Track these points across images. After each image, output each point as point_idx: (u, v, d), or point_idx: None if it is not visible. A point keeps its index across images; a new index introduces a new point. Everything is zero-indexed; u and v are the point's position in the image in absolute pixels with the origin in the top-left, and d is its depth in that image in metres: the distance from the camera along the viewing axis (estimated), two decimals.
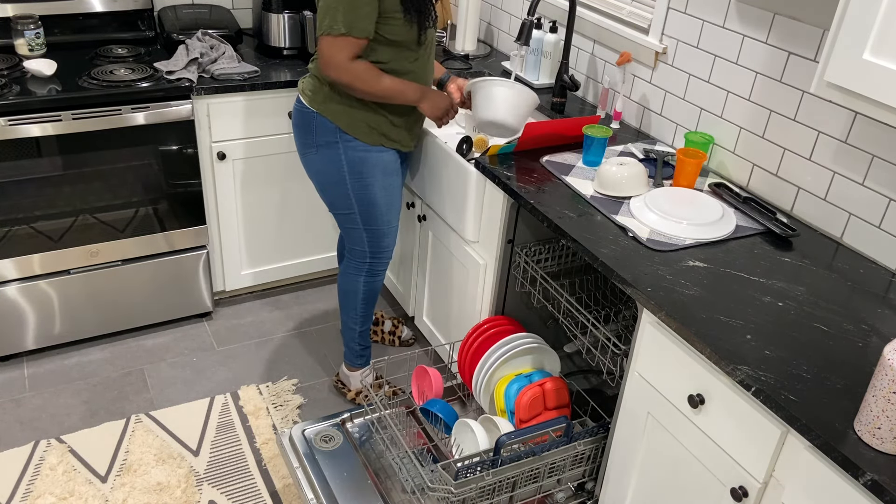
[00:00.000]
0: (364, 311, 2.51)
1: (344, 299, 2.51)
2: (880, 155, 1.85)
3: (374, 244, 2.39)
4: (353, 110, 2.18)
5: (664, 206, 2.00)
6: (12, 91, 2.42)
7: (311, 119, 2.23)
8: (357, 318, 2.52)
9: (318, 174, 2.31)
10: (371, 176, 2.27)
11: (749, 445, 1.51)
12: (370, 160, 2.25)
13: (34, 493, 2.26)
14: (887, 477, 1.26)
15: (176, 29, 2.85)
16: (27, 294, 2.66)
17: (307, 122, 2.24)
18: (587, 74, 2.78)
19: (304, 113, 2.24)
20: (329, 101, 2.19)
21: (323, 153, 2.25)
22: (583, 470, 2.07)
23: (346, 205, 2.32)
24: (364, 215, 2.33)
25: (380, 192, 2.31)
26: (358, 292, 2.47)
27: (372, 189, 2.29)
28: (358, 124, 2.20)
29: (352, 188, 2.28)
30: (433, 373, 2.20)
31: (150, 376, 2.75)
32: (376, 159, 2.26)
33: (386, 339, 2.96)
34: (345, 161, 2.24)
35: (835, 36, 1.54)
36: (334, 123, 2.20)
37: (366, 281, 2.46)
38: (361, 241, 2.39)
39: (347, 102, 2.18)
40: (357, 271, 2.44)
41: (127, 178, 2.64)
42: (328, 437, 2.20)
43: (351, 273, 2.46)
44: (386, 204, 2.34)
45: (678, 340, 1.65)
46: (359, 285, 2.46)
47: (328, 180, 2.30)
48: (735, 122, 2.21)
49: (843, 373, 1.49)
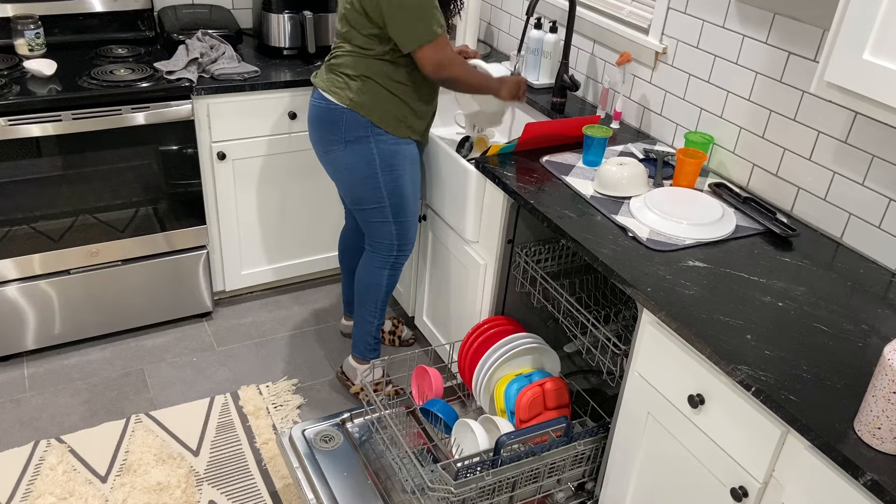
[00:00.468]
0: (383, 304, 2.55)
1: (366, 293, 2.52)
2: (880, 155, 1.85)
3: (401, 236, 2.42)
4: (384, 104, 2.22)
5: (664, 206, 2.00)
6: (12, 91, 2.42)
7: (340, 115, 2.23)
8: (377, 311, 2.55)
9: (347, 170, 2.31)
10: (401, 167, 2.31)
11: (749, 445, 1.51)
12: (401, 152, 2.29)
13: (34, 493, 2.26)
14: (887, 477, 1.26)
15: (176, 29, 2.85)
16: (27, 294, 2.66)
17: (335, 119, 2.24)
18: (587, 74, 2.78)
19: (332, 110, 2.24)
20: (360, 96, 2.21)
21: (352, 148, 2.26)
22: (583, 470, 2.07)
23: (376, 198, 2.33)
24: (394, 207, 2.35)
25: (409, 184, 2.35)
26: (382, 286, 2.50)
27: (402, 180, 2.32)
28: (389, 118, 2.23)
29: (383, 181, 2.30)
30: (433, 373, 2.20)
31: (150, 376, 2.75)
32: (406, 151, 2.30)
33: (386, 338, 2.96)
34: (377, 154, 2.26)
35: (835, 36, 1.54)
36: (366, 118, 2.22)
37: (390, 274, 2.49)
38: (389, 234, 2.41)
39: (377, 97, 2.21)
40: (383, 264, 2.47)
41: (127, 178, 2.64)
42: (328, 437, 2.20)
43: (377, 266, 2.47)
44: (413, 195, 2.39)
45: (678, 340, 1.65)
46: (383, 279, 2.49)
47: (357, 175, 2.30)
48: (735, 122, 2.21)
49: (843, 373, 1.49)
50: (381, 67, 2.19)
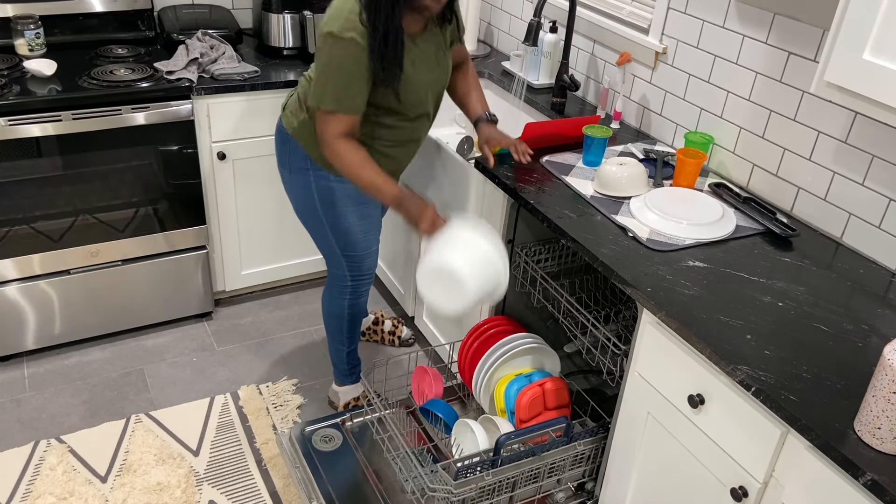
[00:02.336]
0: (350, 331, 2.46)
1: (329, 322, 2.45)
2: (880, 155, 1.85)
3: (354, 268, 2.31)
4: None
5: (664, 206, 1.99)
6: (12, 91, 2.42)
7: (286, 141, 2.14)
8: (344, 339, 2.47)
9: (292, 196, 2.23)
10: (343, 206, 2.16)
11: (749, 445, 1.51)
12: (341, 190, 2.14)
13: (34, 493, 2.26)
14: (887, 477, 1.26)
15: (176, 29, 2.85)
16: (27, 294, 2.66)
17: (282, 143, 2.16)
18: (587, 74, 2.78)
19: (281, 133, 2.16)
20: (303, 128, 2.09)
21: (295, 177, 2.17)
22: (583, 470, 2.07)
23: (321, 231, 2.23)
24: (340, 242, 2.24)
25: (355, 222, 2.20)
26: (343, 316, 2.41)
27: (346, 219, 2.18)
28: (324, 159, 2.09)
29: (325, 217, 2.18)
30: (433, 373, 2.20)
31: (150, 376, 2.75)
32: (347, 190, 2.14)
33: (386, 339, 2.96)
34: (315, 190, 2.14)
35: (835, 36, 1.54)
36: (305, 151, 2.11)
37: (350, 304, 2.39)
38: (341, 265, 2.30)
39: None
40: (340, 294, 2.37)
41: (127, 178, 2.64)
42: (328, 437, 2.20)
43: (334, 297, 2.39)
44: (363, 231, 2.23)
45: (678, 340, 1.65)
46: (343, 309, 2.40)
47: (301, 206, 2.22)
48: (735, 122, 2.21)
49: (843, 373, 1.49)
50: None
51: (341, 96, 1.91)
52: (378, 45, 1.87)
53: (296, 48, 2.95)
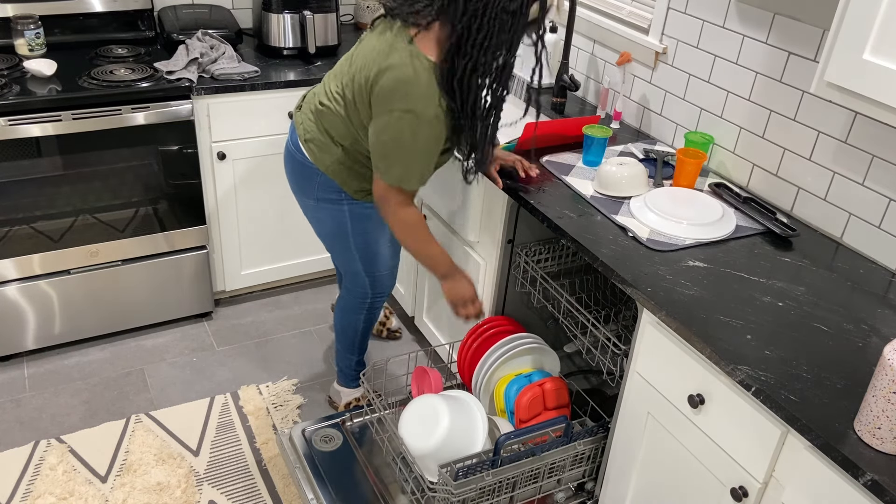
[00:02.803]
0: (362, 341, 2.48)
1: (343, 334, 2.46)
2: (880, 155, 1.85)
3: (375, 286, 2.32)
4: (361, 180, 2.05)
5: (664, 206, 1.99)
6: (12, 91, 2.42)
7: (313, 175, 2.07)
8: (355, 348, 2.48)
9: (319, 223, 2.19)
10: (376, 231, 2.17)
11: (749, 445, 1.51)
12: (375, 217, 2.14)
13: (34, 493, 2.26)
14: (887, 477, 1.26)
15: (176, 29, 2.85)
16: (27, 294, 2.66)
17: (307, 177, 2.09)
18: (587, 74, 2.78)
19: (307, 167, 2.07)
20: (337, 165, 2.02)
21: (324, 207, 2.11)
22: (583, 470, 2.07)
23: (348, 256, 2.23)
24: (366, 263, 2.24)
25: (384, 244, 2.23)
26: (358, 329, 2.43)
27: (377, 243, 2.20)
28: (363, 191, 2.08)
29: (354, 242, 2.18)
30: (433, 373, 2.20)
31: (150, 376, 2.75)
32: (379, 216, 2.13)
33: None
34: (349, 219, 2.12)
35: (835, 36, 1.54)
36: (339, 186, 2.06)
37: (366, 318, 2.41)
38: (363, 284, 2.31)
39: (354, 171, 2.03)
40: (358, 310, 2.38)
41: (127, 178, 2.64)
42: (328, 437, 2.20)
43: (351, 311, 2.39)
44: (390, 253, 2.27)
45: (678, 340, 1.65)
46: (359, 322, 2.41)
47: (329, 231, 2.18)
48: (735, 122, 2.21)
49: (843, 373, 1.49)
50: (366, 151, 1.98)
51: (426, 174, 1.89)
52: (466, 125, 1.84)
53: (296, 48, 2.95)
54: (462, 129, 1.87)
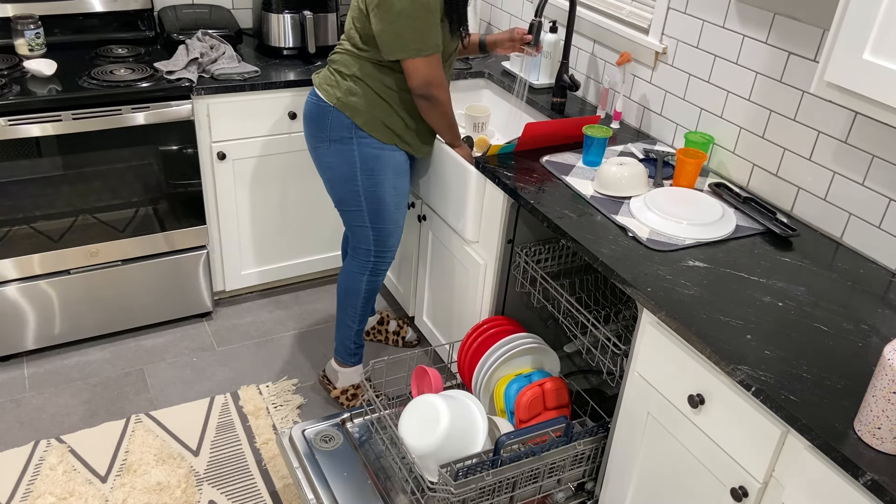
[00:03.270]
0: (363, 309, 2.51)
1: (345, 297, 2.51)
2: (880, 155, 1.85)
3: (379, 243, 2.39)
4: (371, 108, 2.19)
5: (664, 206, 1.99)
6: (12, 91, 2.42)
7: (327, 113, 2.22)
8: (356, 316, 2.52)
9: (329, 169, 2.31)
10: (382, 174, 2.27)
11: (749, 445, 1.51)
12: (383, 158, 2.26)
13: (34, 493, 2.26)
14: (887, 477, 1.26)
15: (176, 29, 2.85)
16: (27, 294, 2.66)
17: (322, 116, 2.24)
18: (587, 74, 2.78)
19: (321, 106, 2.24)
20: (349, 96, 2.19)
21: (336, 148, 2.25)
22: (583, 470, 2.07)
23: (354, 201, 2.32)
24: (372, 213, 2.33)
25: (389, 192, 2.31)
26: (360, 291, 2.47)
27: (382, 187, 2.29)
28: (375, 122, 2.21)
29: (362, 185, 2.28)
30: (433, 373, 2.20)
31: (150, 376, 2.75)
32: (389, 157, 2.26)
33: (390, 339, 2.96)
34: (357, 157, 2.24)
35: (835, 36, 1.54)
36: (351, 119, 2.20)
37: (368, 279, 2.46)
38: (367, 240, 2.38)
39: (367, 99, 2.19)
40: (361, 269, 2.44)
41: (127, 178, 2.64)
42: (328, 437, 2.20)
43: (354, 271, 2.45)
44: (394, 203, 2.34)
45: (678, 340, 1.65)
46: (361, 283, 2.46)
47: (339, 176, 2.29)
48: (735, 122, 2.21)
49: (843, 373, 1.49)
50: (373, 70, 2.17)
51: (437, 37, 2.08)
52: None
53: (296, 48, 2.95)
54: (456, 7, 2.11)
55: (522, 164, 2.24)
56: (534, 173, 2.19)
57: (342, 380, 2.63)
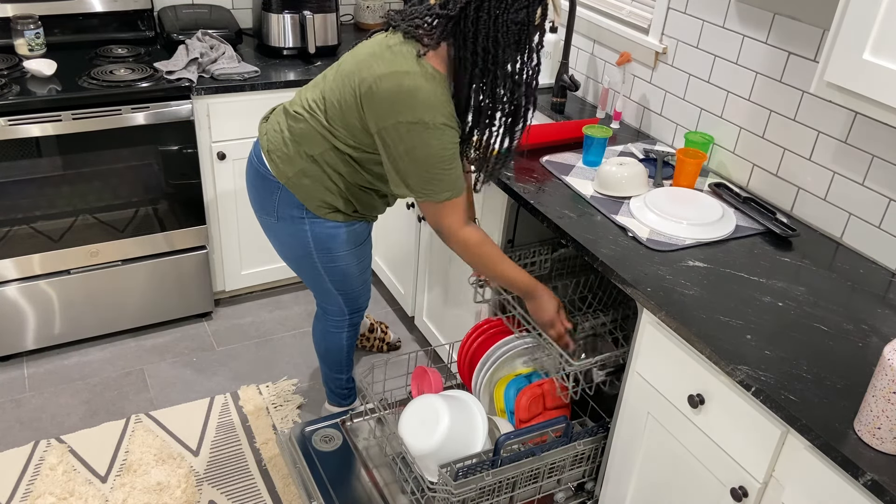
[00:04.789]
0: (348, 358, 2.40)
1: (327, 356, 2.37)
2: (880, 155, 1.85)
3: (351, 303, 2.23)
4: (323, 194, 1.93)
5: (664, 206, 1.99)
6: (12, 91, 2.42)
7: (274, 189, 1.95)
8: (343, 367, 2.41)
9: (280, 244, 2.08)
10: (341, 250, 2.05)
11: (749, 445, 1.51)
12: (339, 236, 2.01)
13: (34, 493, 2.26)
14: (887, 477, 1.26)
15: (176, 29, 2.85)
16: (27, 294, 2.66)
17: (268, 190, 1.97)
18: (587, 74, 2.78)
19: (266, 180, 1.96)
20: (301, 178, 1.91)
21: (285, 226, 2.00)
22: (583, 470, 2.07)
23: (315, 277, 2.12)
24: (336, 284, 2.14)
25: (352, 264, 2.10)
26: (342, 346, 2.35)
27: (343, 261, 2.08)
28: (324, 207, 1.96)
29: (320, 262, 2.06)
30: (433, 373, 2.20)
31: (150, 376, 2.75)
32: (346, 234, 2.02)
33: (375, 346, 2.94)
34: (311, 238, 2.00)
35: (835, 36, 1.54)
36: (301, 202, 1.95)
37: (348, 336, 2.33)
38: (337, 303, 2.23)
39: (321, 186, 1.92)
40: (338, 329, 2.31)
41: (127, 178, 2.64)
42: (328, 437, 2.20)
43: (331, 330, 2.31)
44: (360, 270, 2.15)
45: (678, 340, 1.65)
46: (342, 340, 2.33)
47: (292, 253, 2.08)
48: (735, 122, 2.21)
49: (843, 373, 1.49)
50: (335, 159, 1.88)
51: (456, 181, 1.79)
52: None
53: (296, 48, 2.95)
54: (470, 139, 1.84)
55: (522, 164, 2.24)
56: (534, 173, 2.19)
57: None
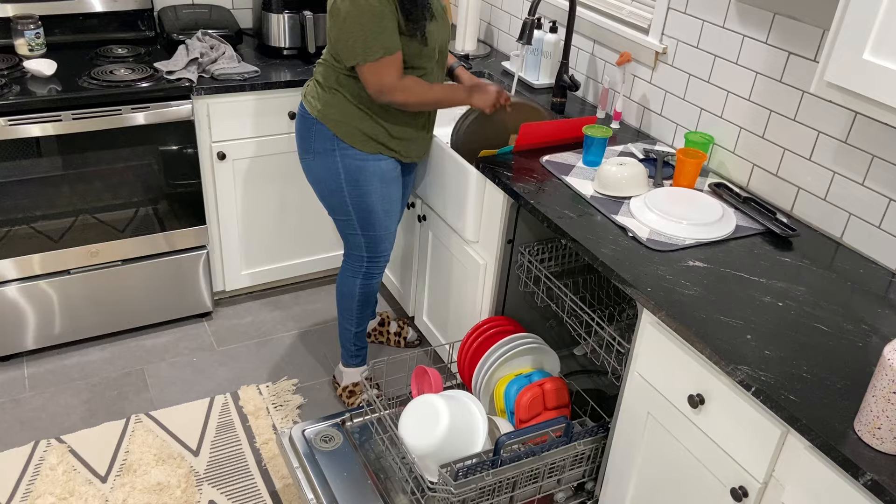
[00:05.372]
0: (360, 312, 2.52)
1: (341, 301, 2.52)
2: (880, 155, 1.85)
3: (371, 248, 2.39)
4: (349, 118, 2.18)
5: (664, 206, 1.99)
6: (12, 91, 2.42)
7: (311, 125, 2.22)
8: (353, 319, 2.52)
9: (316, 180, 2.31)
10: (368, 184, 2.25)
11: (749, 445, 1.51)
12: (367, 168, 2.23)
13: (34, 493, 2.26)
14: (887, 477, 1.26)
15: (176, 29, 2.85)
16: (27, 294, 2.66)
17: (307, 128, 2.24)
18: (587, 74, 2.78)
19: (305, 119, 2.24)
20: (328, 108, 2.18)
21: (320, 160, 2.25)
22: (583, 470, 2.07)
23: (343, 211, 2.31)
24: (362, 221, 2.32)
25: (377, 200, 2.29)
26: (354, 294, 2.48)
27: (369, 197, 2.28)
28: (354, 133, 2.19)
29: (349, 196, 2.27)
30: (433, 373, 2.20)
31: (150, 376, 2.75)
32: (374, 168, 2.24)
33: (392, 340, 2.96)
34: (342, 169, 2.23)
35: (835, 36, 1.54)
36: (332, 131, 2.19)
37: (362, 283, 2.46)
38: (359, 246, 2.38)
39: (344, 110, 2.17)
40: (354, 274, 2.45)
41: (127, 178, 2.64)
42: (328, 437, 2.20)
43: (348, 275, 2.46)
44: (384, 211, 2.33)
45: (678, 340, 1.65)
46: (355, 287, 2.46)
47: (326, 187, 2.29)
48: (735, 122, 2.21)
49: (843, 373, 1.49)
50: (347, 80, 2.15)
51: (385, 40, 2.01)
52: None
53: (296, 48, 2.95)
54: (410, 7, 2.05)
55: (522, 164, 2.24)
56: (534, 173, 2.19)
57: (346, 379, 2.65)
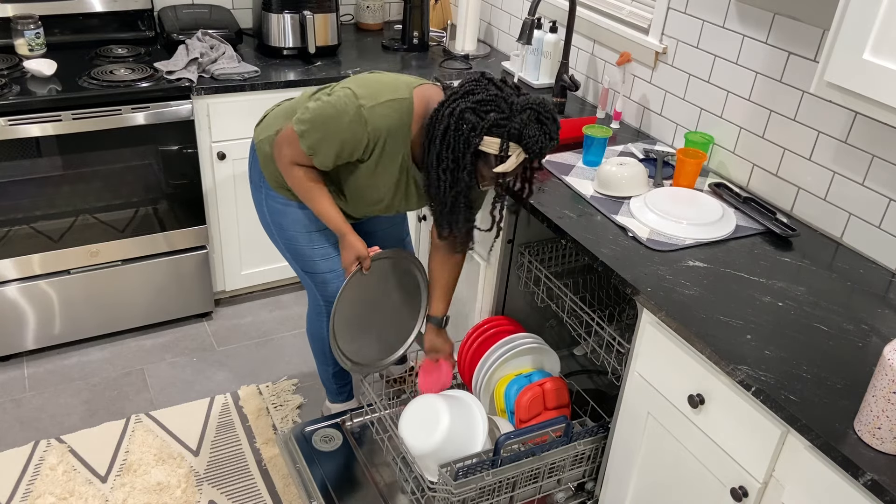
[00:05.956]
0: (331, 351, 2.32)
1: (312, 343, 2.37)
2: (880, 155, 1.85)
3: (321, 289, 2.16)
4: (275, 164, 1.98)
5: (664, 206, 1.99)
6: (12, 91, 2.42)
7: (252, 151, 2.08)
8: (327, 360, 2.38)
9: (257, 211, 2.16)
10: (293, 230, 2.06)
11: (749, 445, 1.51)
12: (289, 214, 2.04)
13: (34, 493, 2.26)
14: (887, 477, 1.26)
15: (176, 29, 2.85)
16: (27, 294, 2.66)
17: (252, 155, 2.09)
18: (587, 74, 2.78)
19: (252, 147, 2.09)
20: (265, 145, 2.01)
21: (254, 192, 2.11)
22: (583, 470, 2.07)
23: (281, 249, 2.14)
24: (300, 263, 2.12)
25: (306, 245, 2.08)
26: (324, 336, 2.31)
27: (298, 241, 2.07)
28: (276, 175, 2.00)
29: (279, 237, 2.10)
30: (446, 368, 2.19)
31: (150, 376, 2.75)
32: (295, 215, 2.04)
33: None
34: (266, 210, 2.08)
35: (835, 36, 1.54)
36: (260, 166, 2.03)
37: (327, 324, 2.27)
38: (310, 287, 2.20)
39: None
40: (318, 314, 2.28)
41: (127, 178, 2.64)
42: (328, 437, 2.20)
43: (312, 317, 2.31)
44: (321, 255, 2.09)
45: (678, 340, 1.65)
46: (322, 329, 2.30)
47: (262, 223, 2.14)
48: (735, 122, 2.21)
49: (843, 373, 1.49)
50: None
51: (323, 148, 1.80)
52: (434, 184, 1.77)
53: (296, 48, 2.95)
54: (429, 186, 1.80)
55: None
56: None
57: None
